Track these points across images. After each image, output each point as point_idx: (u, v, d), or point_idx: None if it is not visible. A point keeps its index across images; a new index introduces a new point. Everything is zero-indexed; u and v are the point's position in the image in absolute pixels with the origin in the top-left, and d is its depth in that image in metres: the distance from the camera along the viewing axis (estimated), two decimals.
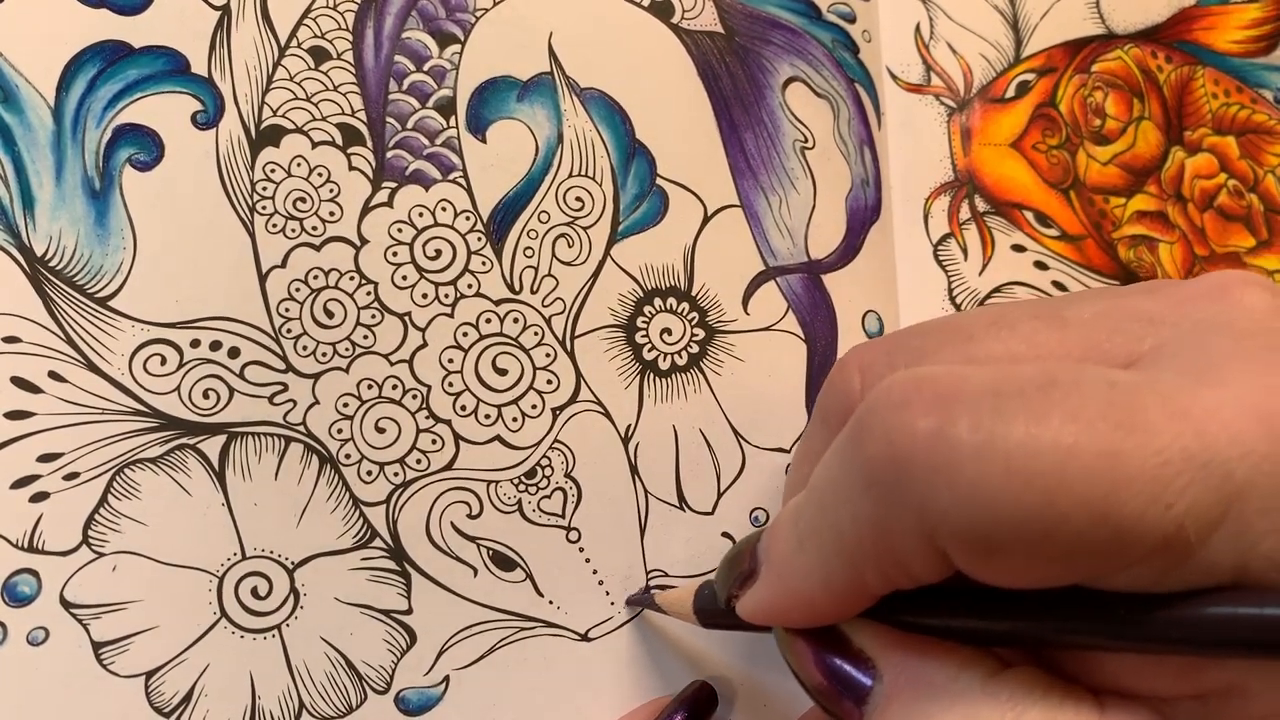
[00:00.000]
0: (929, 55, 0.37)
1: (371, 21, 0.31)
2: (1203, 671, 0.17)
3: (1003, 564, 0.17)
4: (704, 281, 0.32)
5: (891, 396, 0.17)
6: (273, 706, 0.27)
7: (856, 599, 0.20)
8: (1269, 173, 0.39)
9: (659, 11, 0.34)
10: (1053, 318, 0.20)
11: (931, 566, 0.18)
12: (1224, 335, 0.18)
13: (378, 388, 0.29)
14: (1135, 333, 0.19)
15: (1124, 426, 0.16)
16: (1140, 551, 0.16)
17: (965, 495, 0.16)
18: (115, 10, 0.29)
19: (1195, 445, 0.15)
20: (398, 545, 0.29)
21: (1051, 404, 0.16)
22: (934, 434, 0.16)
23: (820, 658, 0.21)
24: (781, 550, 0.21)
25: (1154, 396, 0.16)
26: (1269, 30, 0.41)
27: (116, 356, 0.27)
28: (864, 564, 0.19)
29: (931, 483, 0.16)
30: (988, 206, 0.37)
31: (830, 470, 0.19)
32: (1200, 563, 0.16)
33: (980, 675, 0.18)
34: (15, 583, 0.26)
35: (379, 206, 0.30)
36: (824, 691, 0.21)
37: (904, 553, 0.18)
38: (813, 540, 0.20)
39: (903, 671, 0.19)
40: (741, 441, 0.32)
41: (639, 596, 0.30)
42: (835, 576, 0.19)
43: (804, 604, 0.20)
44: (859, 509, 0.18)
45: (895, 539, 0.18)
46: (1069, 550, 0.16)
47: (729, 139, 0.34)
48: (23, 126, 0.27)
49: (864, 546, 0.18)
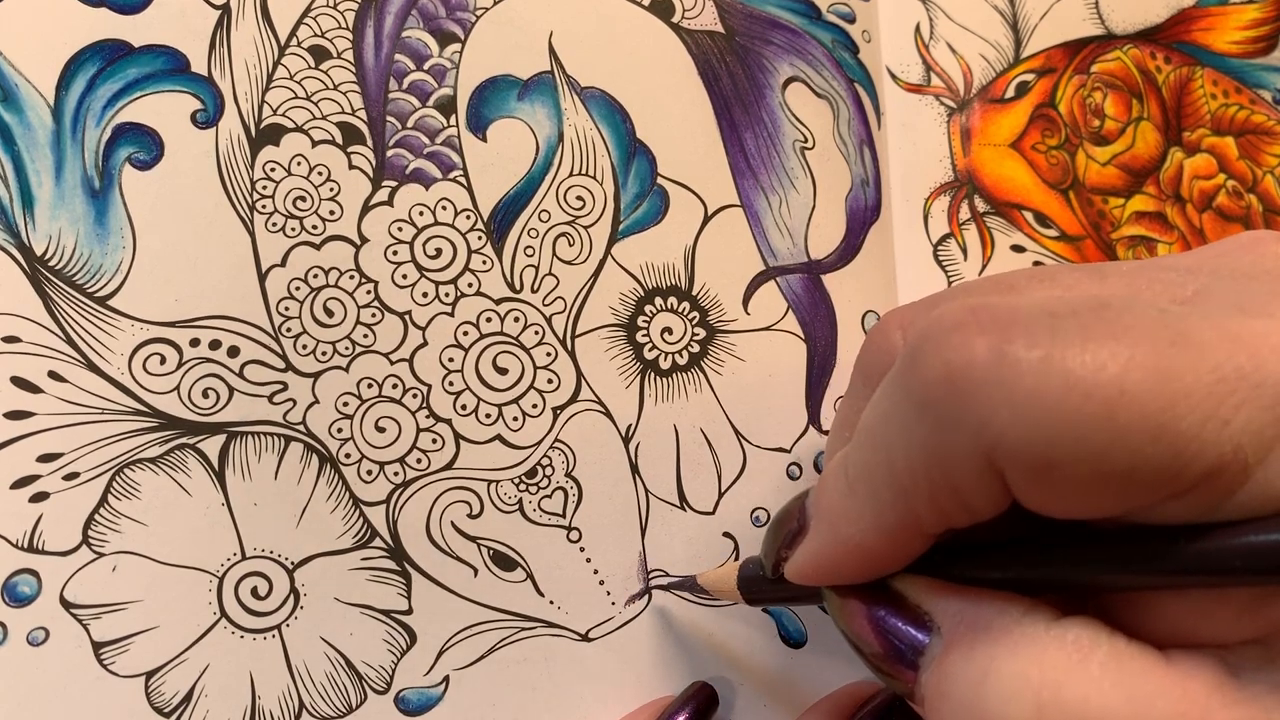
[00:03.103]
0: (929, 55, 0.38)
1: (372, 20, 0.31)
2: (1262, 612, 0.17)
3: (1060, 484, 0.16)
4: (704, 281, 0.32)
5: (944, 322, 0.17)
6: (273, 706, 0.27)
7: (910, 541, 0.19)
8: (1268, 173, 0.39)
9: (659, 11, 0.34)
10: (1093, 271, 0.20)
11: (987, 494, 0.17)
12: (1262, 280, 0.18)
13: (378, 387, 0.29)
14: (1175, 280, 0.19)
15: (1178, 344, 0.16)
16: (1198, 471, 0.15)
17: (1024, 411, 0.16)
18: (115, 9, 0.29)
19: (1249, 365, 0.15)
20: (398, 545, 0.29)
21: (1106, 323, 0.16)
22: (991, 352, 0.16)
23: (874, 616, 0.20)
24: (831, 499, 0.20)
25: (1204, 321, 0.16)
26: (1268, 31, 0.41)
27: (116, 356, 0.27)
28: (918, 498, 0.18)
29: (990, 400, 0.16)
30: (987, 207, 0.37)
31: (880, 407, 0.19)
32: (1256, 487, 0.15)
33: (1043, 620, 0.18)
34: (15, 583, 0.26)
35: (379, 205, 0.30)
36: (879, 653, 0.20)
37: (960, 479, 0.17)
38: (864, 481, 0.19)
39: (962, 619, 0.19)
40: (742, 441, 0.32)
41: (676, 581, 0.30)
42: (888, 517, 0.19)
43: (856, 553, 0.20)
44: (913, 437, 0.18)
45: (952, 464, 0.17)
46: (1127, 468, 0.16)
47: (729, 139, 0.34)
48: (22, 125, 0.27)
49: (918, 477, 0.18)
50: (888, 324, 0.23)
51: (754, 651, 0.31)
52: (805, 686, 0.31)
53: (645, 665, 0.30)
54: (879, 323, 0.24)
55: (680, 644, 0.30)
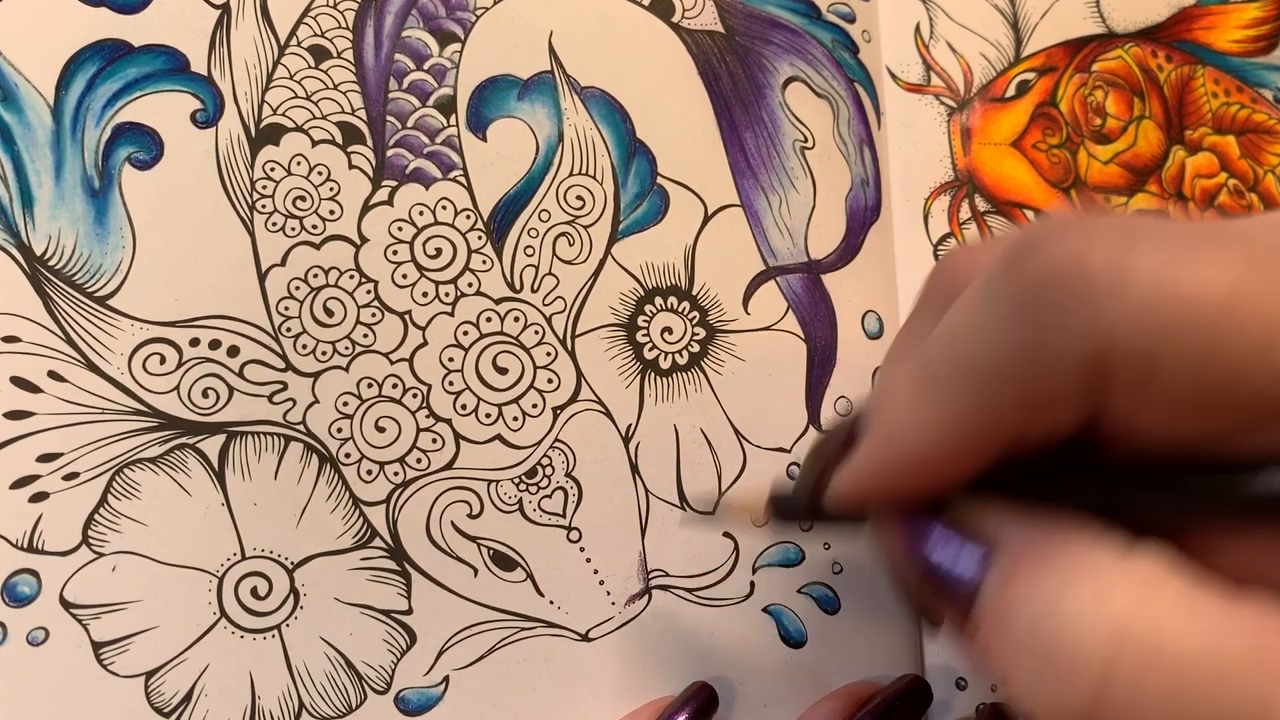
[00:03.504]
0: (929, 55, 0.37)
1: (371, 20, 0.31)
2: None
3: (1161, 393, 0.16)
4: (704, 281, 0.32)
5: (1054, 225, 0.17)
6: (272, 707, 0.27)
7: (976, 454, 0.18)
8: (1269, 172, 0.39)
9: (659, 11, 0.34)
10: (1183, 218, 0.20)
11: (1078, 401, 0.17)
12: None
13: (378, 386, 0.29)
14: None
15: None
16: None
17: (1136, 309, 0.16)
18: (114, 9, 0.29)
19: None
20: (398, 545, 0.29)
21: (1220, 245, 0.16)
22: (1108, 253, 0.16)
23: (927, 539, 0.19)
24: (897, 403, 0.19)
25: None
26: (1269, 30, 0.41)
27: (116, 356, 0.27)
28: (1003, 399, 0.17)
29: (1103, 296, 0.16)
30: (988, 206, 0.37)
31: (969, 307, 0.18)
32: None
33: (1114, 550, 0.17)
34: (15, 583, 0.26)
35: (379, 205, 0.30)
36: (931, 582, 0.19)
37: (1056, 381, 0.17)
38: (944, 380, 0.18)
39: (1028, 545, 0.18)
40: (742, 441, 0.32)
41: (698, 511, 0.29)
42: (963, 419, 0.18)
43: (916, 464, 0.19)
44: (1012, 335, 0.17)
45: (1050, 363, 0.17)
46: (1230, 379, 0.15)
47: (729, 138, 0.34)
48: (22, 125, 0.27)
49: (1009, 378, 0.17)
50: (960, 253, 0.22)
51: (754, 651, 0.31)
52: (805, 686, 0.31)
53: (645, 665, 0.30)
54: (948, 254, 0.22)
55: (680, 644, 0.30)
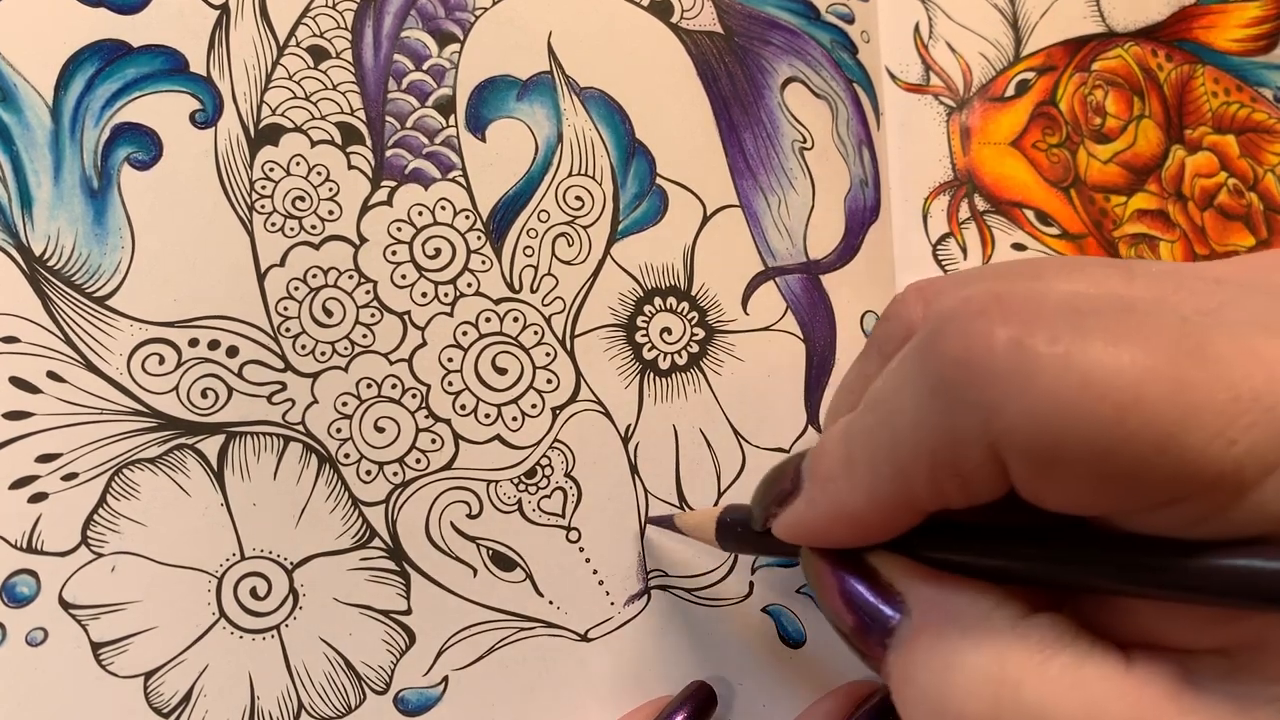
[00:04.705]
0: (928, 55, 0.37)
1: (370, 20, 0.31)
2: (1230, 624, 0.17)
3: (1061, 480, 0.17)
4: (704, 281, 0.32)
5: (970, 306, 0.17)
6: (272, 707, 0.27)
7: (901, 515, 0.19)
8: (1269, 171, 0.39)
9: (658, 11, 0.34)
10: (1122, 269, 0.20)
11: (987, 480, 0.18)
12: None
13: (377, 387, 0.29)
14: (1202, 290, 0.19)
15: (1197, 357, 0.16)
16: (1197, 485, 0.16)
17: (1037, 403, 0.16)
18: (113, 9, 0.29)
19: (1264, 387, 0.15)
20: (397, 545, 0.29)
21: (1129, 328, 0.16)
22: (1012, 342, 0.16)
23: (847, 587, 0.20)
24: (829, 464, 0.21)
25: (1227, 335, 0.16)
26: (1269, 29, 0.41)
27: (115, 356, 0.27)
28: (918, 474, 0.18)
29: (1005, 388, 0.16)
30: (988, 205, 0.37)
31: (892, 380, 0.19)
32: (1248, 507, 0.16)
33: (1011, 615, 0.18)
34: (14, 583, 0.26)
35: (378, 205, 0.30)
36: (849, 625, 0.20)
37: (963, 462, 0.17)
38: (865, 451, 0.19)
39: (933, 606, 0.19)
40: (742, 441, 0.32)
41: (660, 519, 0.30)
42: (884, 489, 0.19)
43: (845, 520, 0.20)
44: (922, 414, 0.18)
45: (957, 446, 0.17)
46: (1129, 472, 0.16)
47: (728, 139, 0.34)
48: (21, 125, 0.27)
49: (921, 454, 0.18)
50: (908, 295, 0.23)
51: (753, 651, 0.31)
52: (804, 686, 0.31)
53: (644, 665, 0.30)
54: (902, 293, 0.23)
55: (679, 644, 0.30)
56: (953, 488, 0.18)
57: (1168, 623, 0.18)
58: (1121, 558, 0.17)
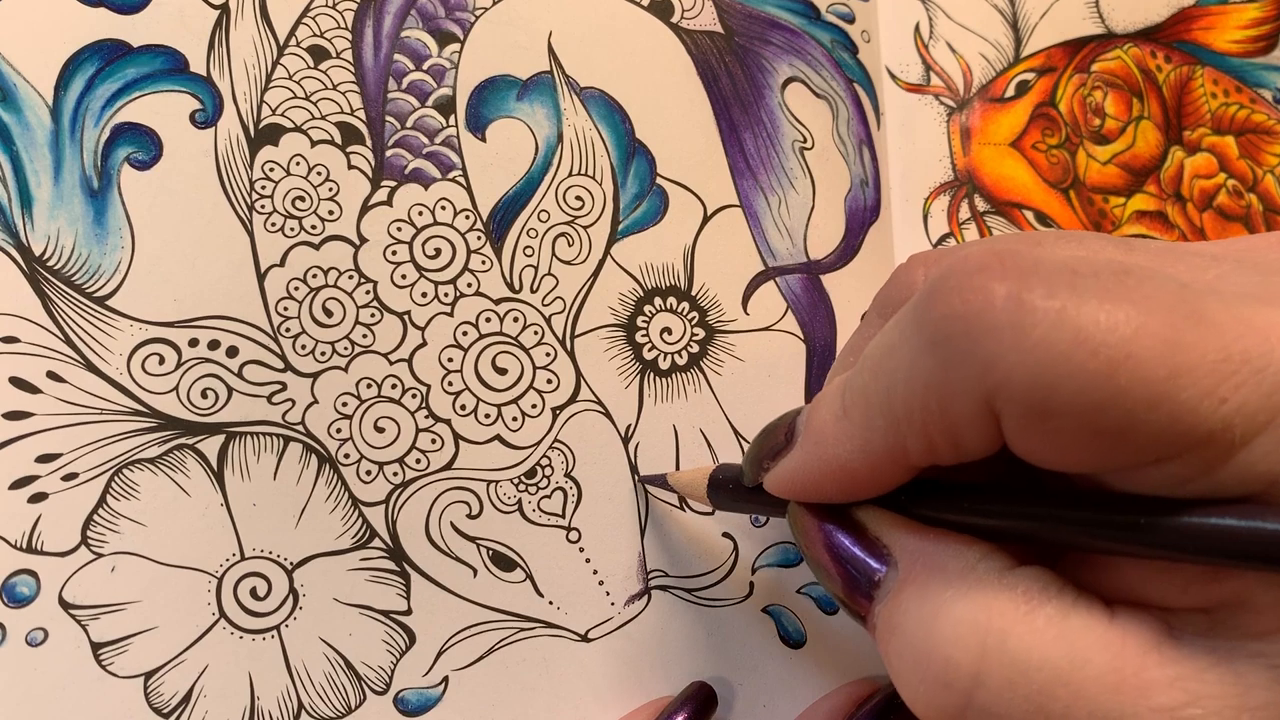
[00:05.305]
0: (928, 55, 0.37)
1: (371, 20, 0.31)
2: (1212, 583, 0.17)
3: (1053, 434, 0.17)
4: (704, 281, 0.32)
5: (968, 263, 0.18)
6: (271, 707, 0.27)
7: (892, 470, 0.20)
8: (1268, 172, 0.39)
9: (658, 11, 0.34)
10: (1120, 242, 0.20)
11: (979, 435, 0.18)
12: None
13: (377, 387, 0.29)
14: (1198, 264, 0.19)
15: (1191, 319, 0.16)
16: (1187, 442, 0.16)
17: (1031, 356, 0.16)
18: (113, 9, 0.29)
19: (1255, 350, 0.16)
20: (397, 545, 0.29)
21: (1125, 288, 0.16)
22: (1009, 297, 0.17)
23: (833, 541, 0.21)
24: (823, 417, 0.21)
25: (1220, 302, 0.16)
26: (1268, 30, 0.41)
27: (115, 356, 0.27)
28: (911, 428, 0.19)
29: (1000, 341, 0.17)
30: (987, 206, 0.37)
31: (889, 337, 0.19)
32: (1235, 467, 0.16)
33: (998, 567, 0.18)
34: (14, 583, 0.26)
35: (378, 205, 0.30)
36: (835, 578, 0.21)
37: (957, 415, 0.18)
38: (860, 406, 0.20)
39: (919, 557, 0.19)
40: (741, 441, 0.32)
41: (652, 477, 0.30)
42: (877, 442, 0.19)
43: (837, 473, 0.20)
44: (918, 369, 0.18)
45: (952, 399, 0.18)
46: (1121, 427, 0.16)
47: (728, 139, 0.34)
48: (21, 125, 0.27)
49: (915, 408, 0.18)
50: (912, 263, 0.23)
51: (753, 651, 0.31)
52: (804, 686, 0.31)
53: (644, 665, 0.30)
54: (903, 263, 0.24)
55: (680, 644, 0.30)
56: (944, 442, 0.18)
57: (1151, 581, 0.18)
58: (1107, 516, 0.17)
